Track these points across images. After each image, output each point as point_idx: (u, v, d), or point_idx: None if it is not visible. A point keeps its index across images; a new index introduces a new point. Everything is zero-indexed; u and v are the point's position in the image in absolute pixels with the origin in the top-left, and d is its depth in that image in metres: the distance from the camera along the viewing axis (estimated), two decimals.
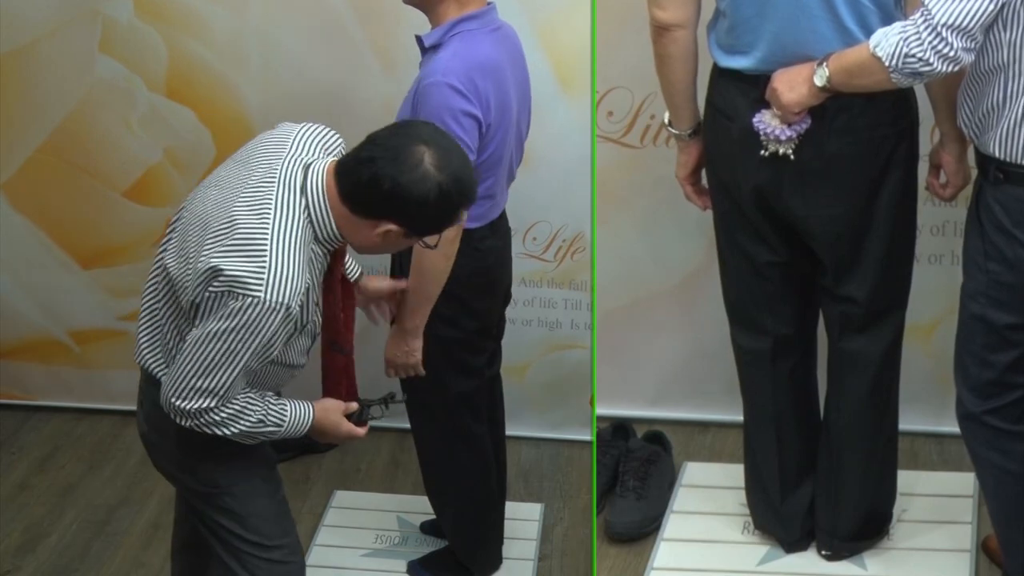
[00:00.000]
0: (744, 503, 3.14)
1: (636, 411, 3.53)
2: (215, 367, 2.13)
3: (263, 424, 2.25)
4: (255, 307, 2.08)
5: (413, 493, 3.37)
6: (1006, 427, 2.62)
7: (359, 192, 2.12)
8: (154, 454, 2.44)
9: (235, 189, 2.19)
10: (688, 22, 2.64)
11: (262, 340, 2.12)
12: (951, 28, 2.30)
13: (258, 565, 2.44)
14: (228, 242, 2.11)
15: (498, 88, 2.59)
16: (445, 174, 2.10)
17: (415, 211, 2.11)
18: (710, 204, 2.88)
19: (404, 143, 2.10)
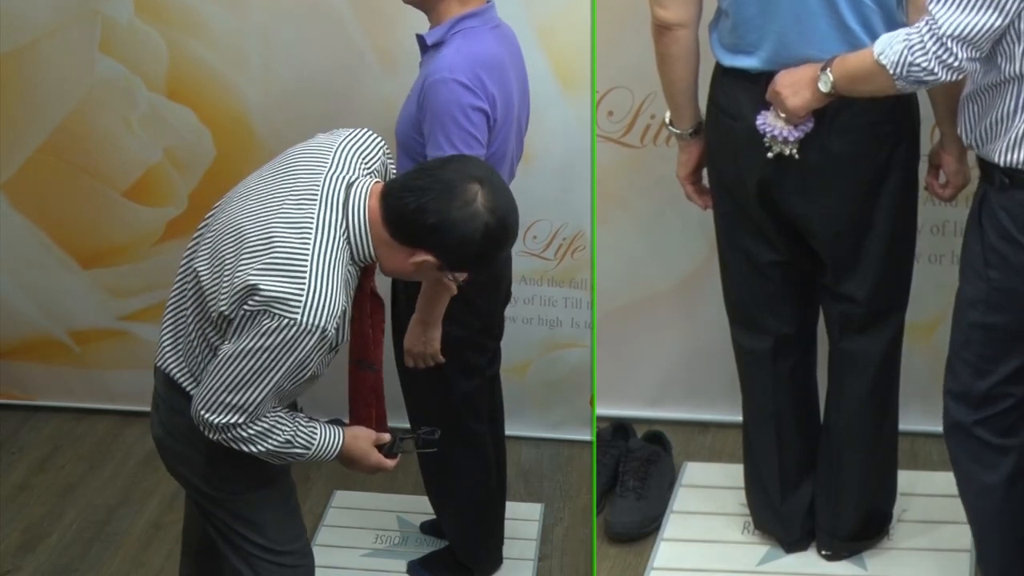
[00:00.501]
0: (744, 503, 3.14)
1: (636, 411, 3.53)
2: (246, 384, 2.12)
3: (291, 445, 2.23)
4: (291, 328, 2.06)
5: (413, 493, 3.37)
6: (993, 440, 2.59)
7: (404, 220, 2.09)
8: (169, 458, 2.41)
9: (274, 203, 2.15)
10: (690, 21, 2.64)
11: (296, 361, 2.10)
12: (957, 39, 2.29)
13: (269, 569, 2.43)
14: (267, 260, 2.08)
15: (501, 84, 2.60)
16: (494, 216, 2.08)
17: (456, 247, 2.09)
18: (711, 204, 2.88)
19: (458, 178, 2.08)
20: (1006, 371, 2.55)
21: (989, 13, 2.26)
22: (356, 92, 3.25)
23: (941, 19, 2.29)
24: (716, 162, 2.79)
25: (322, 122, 3.27)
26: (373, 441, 2.35)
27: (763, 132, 2.60)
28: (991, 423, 2.59)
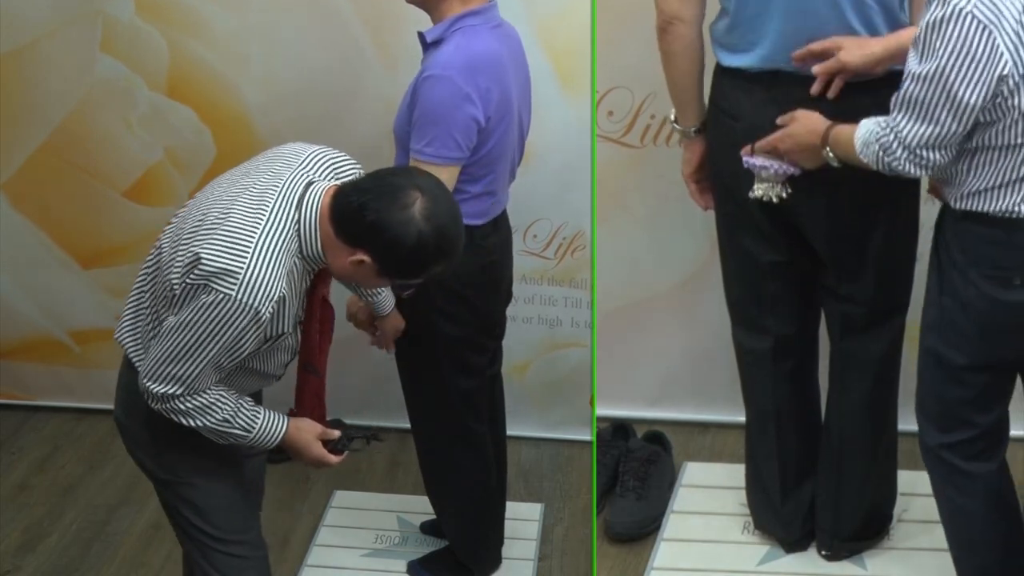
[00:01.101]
0: (744, 503, 3.14)
1: (636, 411, 3.53)
2: (184, 355, 2.19)
3: (229, 424, 2.29)
4: (226, 303, 2.13)
5: (413, 493, 3.37)
6: (960, 464, 2.58)
7: (345, 216, 2.16)
8: (128, 440, 2.48)
9: (238, 190, 2.24)
10: (692, 17, 2.64)
11: (230, 337, 2.17)
12: (924, 147, 2.31)
13: (220, 559, 2.47)
14: (216, 235, 2.16)
15: (499, 83, 2.60)
16: (430, 224, 2.13)
17: (389, 249, 2.14)
18: (711, 204, 2.88)
19: (402, 183, 2.14)
20: (957, 397, 2.52)
21: (948, 123, 2.27)
22: (357, 91, 3.25)
23: (905, 130, 2.31)
24: (717, 162, 2.79)
25: (323, 121, 3.30)
26: (318, 435, 2.40)
27: (757, 170, 2.60)
28: (957, 449, 2.57)
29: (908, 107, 2.30)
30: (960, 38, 2.20)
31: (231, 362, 2.23)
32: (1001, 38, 2.19)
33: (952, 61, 2.22)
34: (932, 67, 2.24)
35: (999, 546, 2.64)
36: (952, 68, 2.22)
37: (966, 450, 2.57)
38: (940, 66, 2.23)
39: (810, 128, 2.52)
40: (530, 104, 2.79)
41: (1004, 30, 2.19)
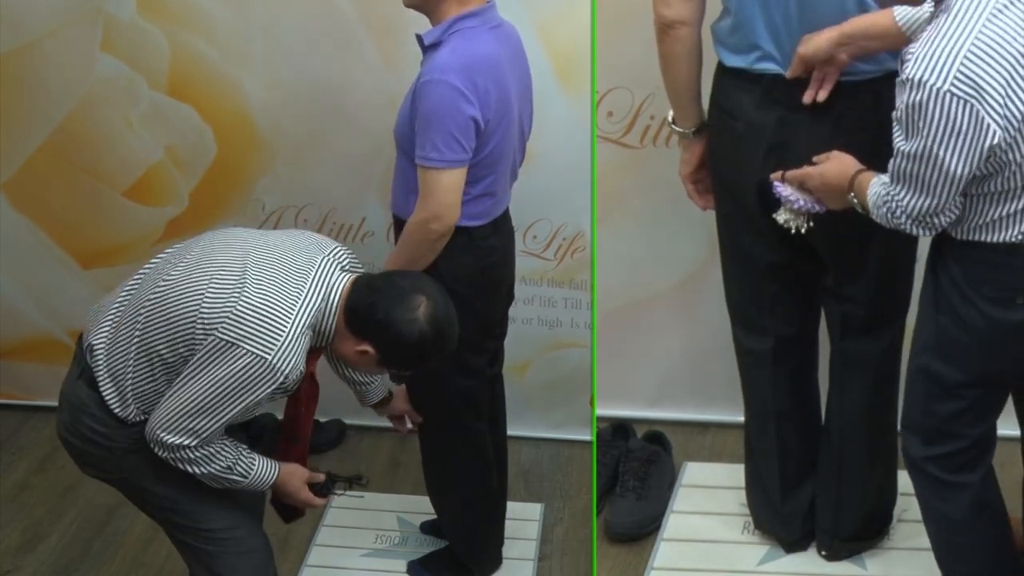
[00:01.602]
0: (744, 503, 3.14)
1: (636, 411, 3.53)
2: (205, 411, 2.31)
3: (230, 472, 2.43)
4: (259, 366, 2.27)
5: (413, 493, 3.37)
6: (945, 477, 2.57)
7: (357, 312, 2.37)
8: (76, 456, 2.52)
9: (282, 261, 2.38)
10: (693, 20, 2.64)
11: (254, 398, 2.31)
12: (927, 214, 2.30)
13: (214, 544, 2.55)
14: (257, 300, 2.30)
15: (498, 85, 2.59)
16: (432, 327, 2.37)
17: (393, 345, 2.38)
18: (711, 204, 2.88)
19: (411, 289, 2.38)
20: (947, 411, 2.51)
21: (944, 193, 2.26)
22: (358, 90, 3.25)
23: (905, 202, 2.31)
24: (717, 162, 2.80)
25: (324, 121, 3.30)
26: (305, 479, 2.59)
27: (784, 200, 2.59)
28: (942, 461, 2.56)
29: (903, 181, 2.29)
30: (943, 116, 2.16)
31: (241, 418, 2.36)
32: (985, 110, 2.14)
33: (938, 138, 2.18)
34: (919, 145, 2.20)
35: (988, 554, 2.64)
36: (939, 145, 2.18)
37: (952, 462, 2.56)
38: (927, 144, 2.19)
39: (841, 171, 2.48)
40: (531, 104, 2.79)
41: (987, 102, 2.13)
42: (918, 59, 2.15)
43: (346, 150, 3.31)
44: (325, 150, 3.33)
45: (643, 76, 3.03)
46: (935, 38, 2.15)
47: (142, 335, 2.37)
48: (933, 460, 2.57)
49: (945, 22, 2.15)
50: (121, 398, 2.40)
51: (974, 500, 2.59)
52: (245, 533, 2.57)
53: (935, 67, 2.13)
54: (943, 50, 2.13)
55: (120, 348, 2.40)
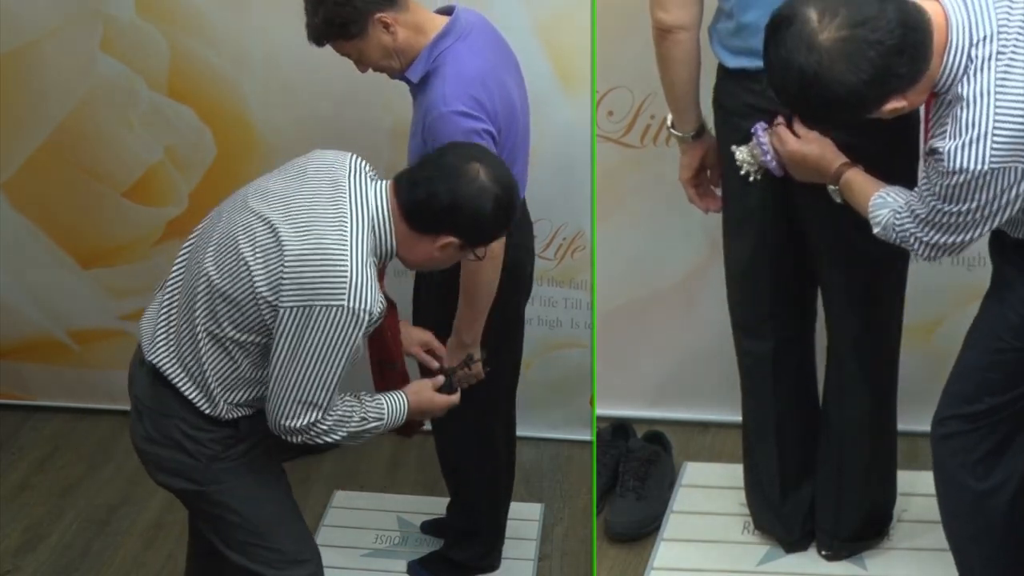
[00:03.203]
0: (744, 503, 3.14)
1: (636, 411, 3.53)
2: (313, 381, 2.22)
3: (366, 422, 2.36)
4: (341, 315, 2.17)
5: (413, 493, 3.37)
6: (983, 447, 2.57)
7: (419, 210, 2.24)
8: (154, 467, 2.44)
9: (304, 201, 2.25)
10: (691, 24, 2.63)
11: (349, 347, 2.21)
12: (947, 248, 2.33)
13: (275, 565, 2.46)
14: (304, 250, 2.18)
15: (499, 91, 2.59)
16: (500, 186, 2.24)
17: (473, 222, 2.25)
18: (712, 207, 2.88)
19: (458, 161, 2.24)
20: None
21: (979, 234, 2.29)
22: (357, 91, 3.24)
23: (931, 239, 2.32)
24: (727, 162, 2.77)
25: (323, 121, 3.30)
26: (431, 387, 2.50)
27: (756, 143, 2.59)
28: (982, 431, 2.56)
29: (937, 227, 2.30)
30: (988, 187, 2.19)
31: (350, 369, 2.26)
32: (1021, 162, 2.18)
33: (987, 201, 2.21)
34: (966, 207, 2.23)
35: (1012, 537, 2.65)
36: (988, 206, 2.22)
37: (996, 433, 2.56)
38: (975, 206, 2.22)
39: (822, 157, 2.50)
40: (525, 90, 2.77)
41: (1018, 151, 2.17)
42: (951, 154, 2.18)
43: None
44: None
45: (643, 76, 3.02)
46: (960, 130, 2.18)
47: (207, 327, 2.28)
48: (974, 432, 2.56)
49: (962, 114, 2.18)
50: (207, 395, 2.33)
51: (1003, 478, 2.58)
52: (307, 558, 2.50)
53: (970, 157, 2.17)
54: (972, 140, 2.17)
55: (188, 348, 2.32)
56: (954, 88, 2.19)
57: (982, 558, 2.66)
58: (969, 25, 2.16)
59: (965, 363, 2.58)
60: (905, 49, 2.11)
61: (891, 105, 2.19)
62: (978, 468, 2.58)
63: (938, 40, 2.16)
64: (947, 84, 2.19)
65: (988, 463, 2.57)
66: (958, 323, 2.76)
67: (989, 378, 2.53)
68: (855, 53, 2.10)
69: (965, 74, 2.17)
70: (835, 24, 2.10)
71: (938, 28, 2.16)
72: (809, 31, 2.11)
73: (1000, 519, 2.60)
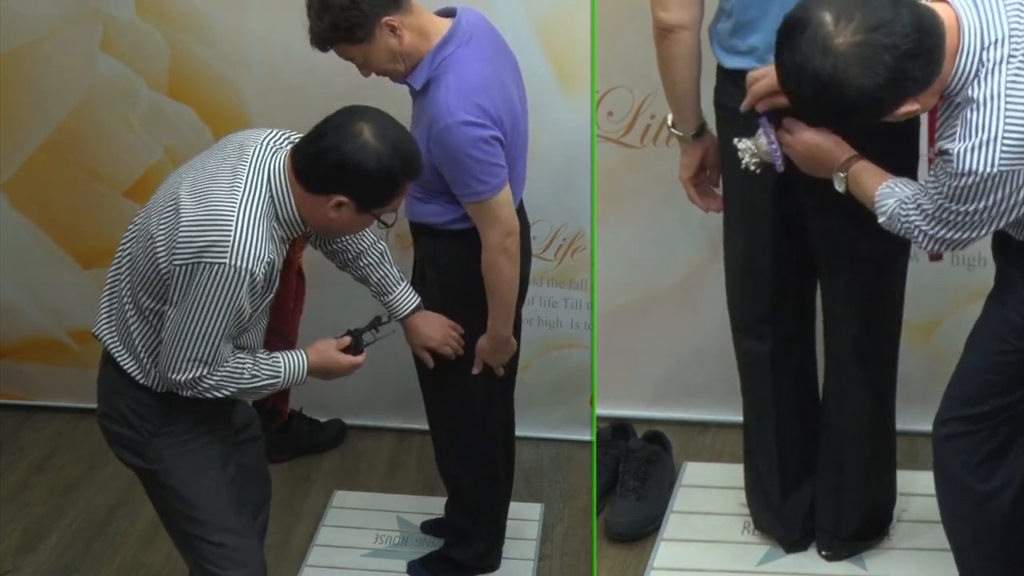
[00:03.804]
0: (744, 503, 3.14)
1: (636, 411, 3.53)
2: (198, 336, 2.28)
3: (258, 379, 2.40)
4: (224, 272, 2.23)
5: (413, 493, 3.37)
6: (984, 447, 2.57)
7: (309, 167, 2.28)
8: (110, 439, 2.52)
9: (208, 170, 2.33)
10: (692, 23, 2.62)
11: (233, 304, 2.26)
12: (954, 243, 2.34)
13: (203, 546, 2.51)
14: (196, 214, 2.25)
15: (502, 95, 2.60)
16: (384, 144, 2.25)
17: (359, 180, 2.26)
18: (713, 206, 2.88)
19: (347, 120, 2.27)
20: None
21: (989, 229, 2.30)
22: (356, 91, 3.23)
23: (937, 234, 2.32)
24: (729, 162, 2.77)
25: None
26: (336, 347, 2.52)
27: (762, 133, 2.58)
28: (984, 433, 2.56)
29: (943, 224, 2.31)
30: (996, 189, 2.20)
31: (238, 328, 2.31)
32: None
33: (996, 202, 2.23)
34: (973, 207, 2.24)
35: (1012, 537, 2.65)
36: (996, 206, 2.23)
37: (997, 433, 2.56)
38: (983, 206, 2.23)
39: (832, 148, 2.50)
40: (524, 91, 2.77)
41: None
42: (960, 157, 2.19)
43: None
44: None
45: (643, 76, 3.02)
46: (970, 133, 2.19)
47: (130, 297, 2.37)
48: (975, 433, 2.56)
49: (973, 117, 2.18)
50: (139, 365, 2.40)
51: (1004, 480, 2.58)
52: (247, 556, 2.55)
53: (980, 159, 2.18)
54: (983, 143, 2.18)
55: (118, 317, 2.41)
56: (965, 91, 2.19)
57: (982, 559, 2.66)
58: (981, 29, 2.17)
59: (968, 365, 2.58)
60: (920, 53, 2.12)
61: (905, 108, 2.19)
62: (980, 469, 2.57)
63: (950, 43, 2.17)
64: (958, 87, 2.20)
65: (990, 464, 2.57)
66: (958, 323, 2.77)
67: (992, 380, 2.53)
68: (871, 57, 2.10)
69: (976, 77, 2.17)
70: (850, 28, 2.10)
71: (950, 31, 2.16)
72: (824, 35, 2.11)
73: (1001, 520, 2.60)
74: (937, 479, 2.64)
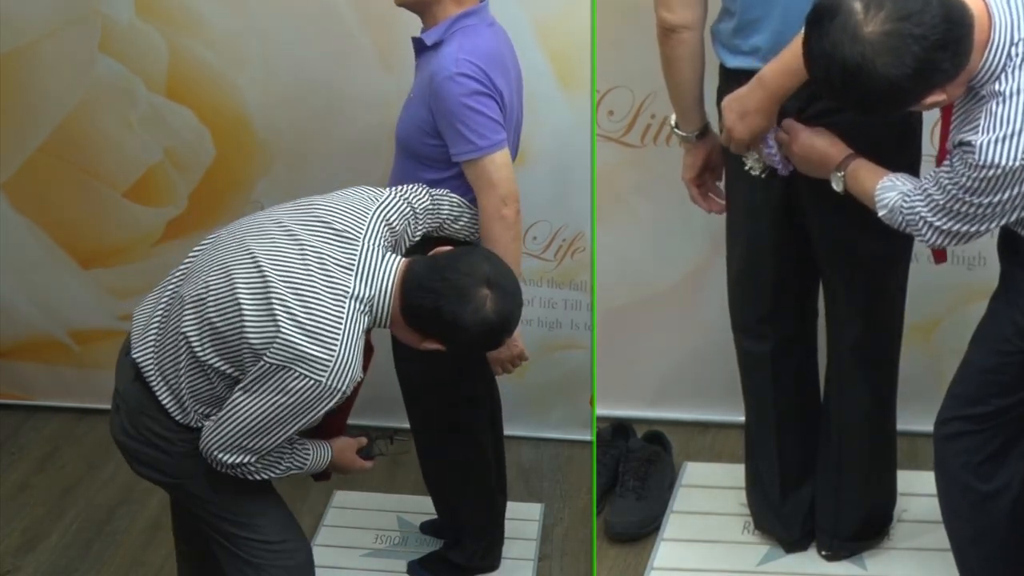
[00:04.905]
0: (744, 503, 3.14)
1: (636, 411, 3.53)
2: (263, 432, 2.27)
3: (290, 469, 2.42)
4: (316, 388, 2.21)
5: (413, 493, 3.37)
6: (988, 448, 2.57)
7: (420, 315, 2.26)
8: (134, 460, 2.49)
9: (307, 253, 2.27)
10: (695, 23, 2.62)
11: (312, 415, 2.26)
12: (961, 236, 2.33)
13: (263, 556, 2.50)
14: (302, 317, 2.21)
15: (504, 80, 2.60)
16: (500, 318, 2.25)
17: (463, 344, 2.30)
18: (715, 208, 2.88)
19: (470, 283, 2.23)
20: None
21: (981, 224, 2.30)
22: (356, 91, 3.25)
23: (943, 226, 2.33)
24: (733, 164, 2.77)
25: (322, 122, 3.30)
26: (354, 448, 2.57)
27: (763, 142, 2.59)
28: (987, 433, 2.56)
29: (952, 215, 2.31)
30: (1016, 183, 2.21)
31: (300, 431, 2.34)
32: None
33: (1012, 198, 2.23)
34: (989, 199, 2.24)
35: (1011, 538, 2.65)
36: (1012, 201, 2.24)
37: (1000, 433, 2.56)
38: (1000, 199, 2.24)
39: (830, 147, 2.51)
40: (522, 102, 2.78)
41: None
42: (983, 148, 2.19)
43: (344, 151, 3.31)
44: (323, 151, 3.33)
45: (644, 75, 3.02)
46: (994, 125, 2.19)
47: (190, 347, 2.30)
48: (979, 433, 2.56)
49: (998, 109, 2.19)
50: (179, 404, 2.35)
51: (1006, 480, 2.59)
52: (295, 546, 2.54)
53: (1003, 152, 2.18)
54: (1007, 136, 2.18)
55: (169, 357, 2.35)
56: (991, 84, 2.19)
57: (982, 559, 2.66)
58: (1011, 24, 2.18)
59: (970, 365, 2.57)
60: (948, 44, 2.12)
61: (931, 99, 2.19)
62: (981, 469, 2.57)
63: (980, 36, 2.17)
64: (984, 80, 2.20)
65: (992, 465, 2.57)
66: (958, 323, 2.77)
67: (994, 380, 2.52)
68: (899, 47, 2.10)
69: (1004, 71, 2.18)
70: (880, 17, 2.10)
71: (980, 24, 2.17)
72: (854, 23, 2.11)
73: (1002, 520, 2.60)
74: (938, 479, 2.64)
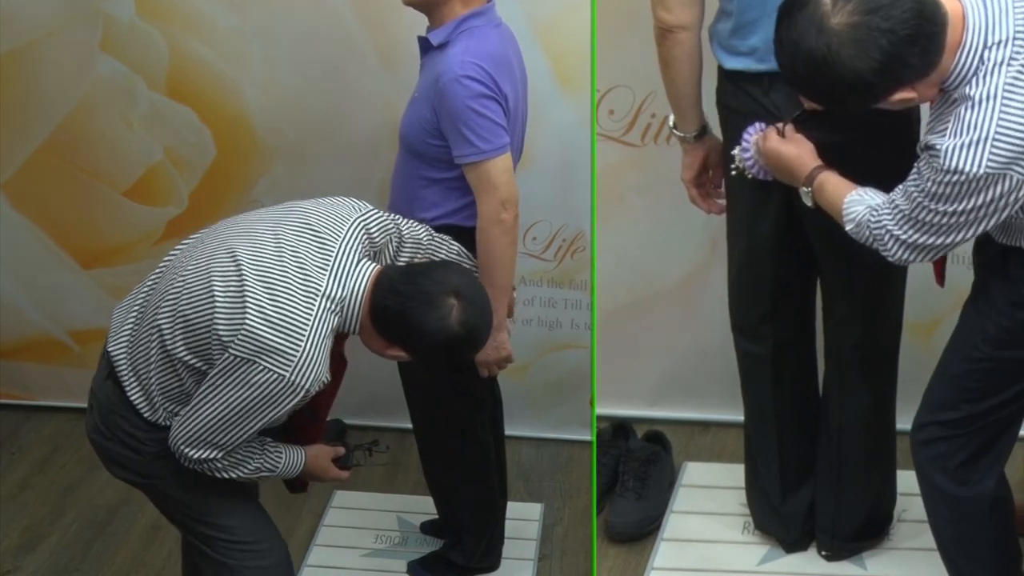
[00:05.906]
0: (744, 503, 3.14)
1: (636, 411, 3.53)
2: (228, 426, 2.28)
3: (259, 470, 2.41)
4: (279, 383, 2.21)
5: (413, 493, 3.37)
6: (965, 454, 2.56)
7: (386, 318, 2.28)
8: (107, 459, 2.49)
9: (283, 250, 2.29)
10: (693, 24, 2.62)
11: (276, 411, 2.26)
12: (918, 250, 2.31)
13: (237, 556, 2.51)
14: (266, 307, 2.22)
15: (510, 82, 2.61)
16: (464, 329, 2.26)
17: (425, 350, 2.31)
18: (714, 209, 2.88)
19: (438, 291, 2.26)
20: (1006, 397, 2.50)
21: (948, 236, 2.27)
22: (356, 91, 3.25)
23: (905, 236, 2.30)
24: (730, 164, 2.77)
25: (322, 122, 3.30)
26: (330, 456, 2.55)
27: (743, 147, 2.60)
28: (961, 439, 2.55)
29: (918, 226, 2.28)
30: (980, 190, 2.18)
31: (266, 428, 2.33)
32: (1019, 173, 2.15)
33: (978, 206, 2.19)
34: (955, 207, 2.21)
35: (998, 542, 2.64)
36: (978, 210, 2.20)
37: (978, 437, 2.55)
38: (964, 207, 2.20)
39: (797, 158, 2.50)
40: (526, 103, 2.79)
41: (1018, 166, 2.15)
42: (948, 153, 2.17)
43: (344, 151, 3.31)
44: (323, 151, 3.33)
45: (644, 75, 3.02)
46: (962, 130, 2.16)
47: (162, 340, 2.32)
48: (953, 439, 2.54)
49: (966, 114, 2.17)
50: (149, 401, 2.37)
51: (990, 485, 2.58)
52: (268, 546, 2.54)
53: (967, 158, 2.16)
54: (973, 142, 2.16)
55: (142, 351, 2.36)
56: (962, 87, 2.18)
57: (969, 560, 2.66)
58: (986, 27, 2.16)
59: (943, 370, 2.58)
60: (918, 40, 2.11)
61: (900, 95, 2.18)
62: (957, 474, 2.57)
63: (953, 37, 2.15)
64: (955, 82, 2.18)
65: (967, 469, 2.56)
66: None
67: (966, 387, 2.52)
68: (865, 40, 2.09)
69: (975, 75, 2.16)
70: (848, 9, 2.09)
71: (954, 25, 2.15)
72: (821, 14, 2.11)
73: (982, 523, 2.59)
74: (919, 482, 2.64)
